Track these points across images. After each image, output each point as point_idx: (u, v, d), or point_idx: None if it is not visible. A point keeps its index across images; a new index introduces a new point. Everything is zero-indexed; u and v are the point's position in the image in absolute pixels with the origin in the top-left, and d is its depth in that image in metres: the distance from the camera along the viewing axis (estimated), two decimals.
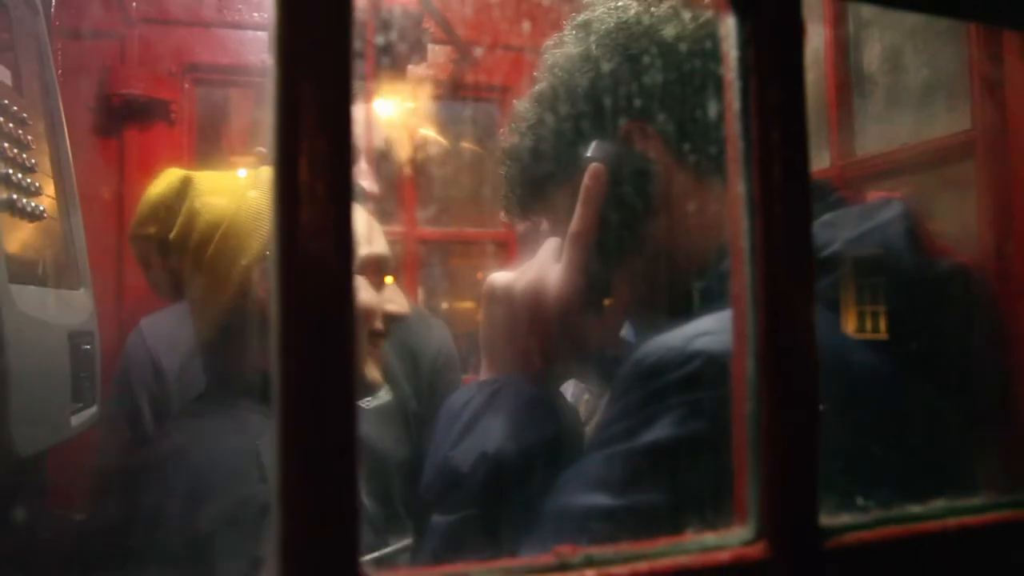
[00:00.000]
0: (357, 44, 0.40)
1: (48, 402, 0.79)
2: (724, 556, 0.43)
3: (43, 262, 0.85)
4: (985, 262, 0.92)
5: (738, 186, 0.46)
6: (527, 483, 0.68)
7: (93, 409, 0.93)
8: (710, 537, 0.44)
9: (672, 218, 0.67)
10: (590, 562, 0.41)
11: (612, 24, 0.70)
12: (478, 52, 1.78)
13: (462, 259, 2.09)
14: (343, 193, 0.37)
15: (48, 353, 0.79)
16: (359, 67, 0.40)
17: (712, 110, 0.61)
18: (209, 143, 1.75)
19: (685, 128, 0.65)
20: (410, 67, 1.79)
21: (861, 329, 0.67)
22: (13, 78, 0.87)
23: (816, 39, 1.13)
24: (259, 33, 1.69)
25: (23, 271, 0.77)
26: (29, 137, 0.85)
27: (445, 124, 1.84)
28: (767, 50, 0.45)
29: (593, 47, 0.70)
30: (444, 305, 2.05)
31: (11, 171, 0.77)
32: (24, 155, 0.82)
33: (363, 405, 1.37)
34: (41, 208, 0.84)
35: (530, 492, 0.69)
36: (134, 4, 1.59)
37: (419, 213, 1.85)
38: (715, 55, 0.60)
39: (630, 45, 0.69)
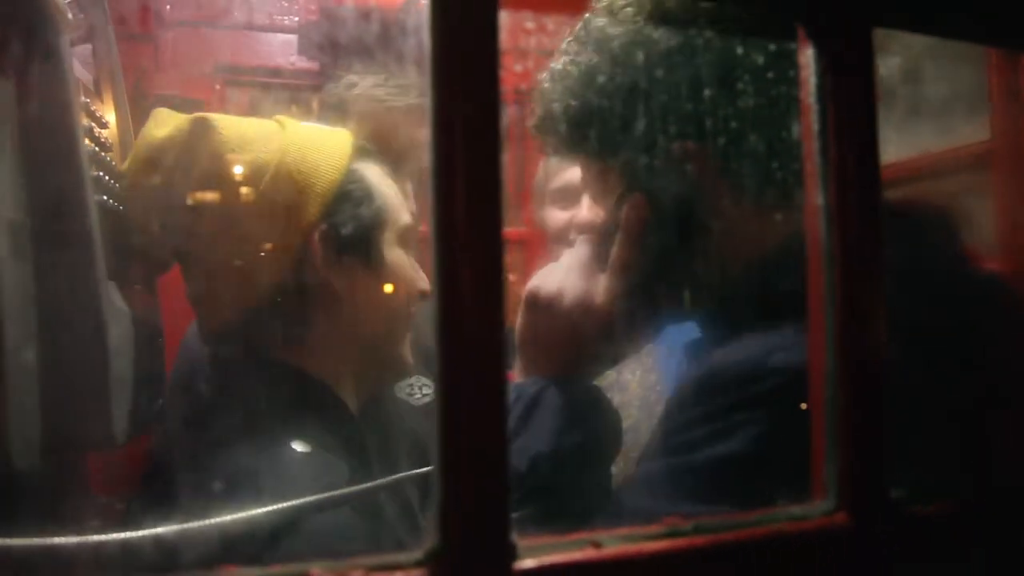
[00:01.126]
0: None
1: (134, 393, 0.84)
2: (810, 525, 0.49)
3: (123, 259, 0.89)
4: (1002, 268, 0.98)
5: (816, 199, 0.52)
6: (582, 478, 0.73)
7: (161, 401, 0.98)
8: (795, 508, 0.50)
9: (712, 237, 0.71)
10: (699, 530, 0.46)
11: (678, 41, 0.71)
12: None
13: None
14: (494, 201, 0.42)
15: (134, 346, 0.84)
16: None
17: (763, 134, 0.66)
18: None
19: (739, 151, 0.68)
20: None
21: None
22: (94, 81, 0.92)
23: None
24: (288, 36, 1.73)
25: (110, 268, 0.82)
26: (110, 141, 0.89)
27: None
28: (843, 78, 0.51)
29: (655, 49, 0.70)
30: None
31: (101, 173, 0.82)
32: (108, 156, 0.87)
33: (413, 402, 1.40)
34: (121, 207, 0.88)
35: (585, 487, 0.74)
36: (168, 7, 1.63)
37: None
38: (777, 82, 0.65)
39: (694, 62, 0.71)
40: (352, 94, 1.29)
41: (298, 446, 0.81)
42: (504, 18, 0.43)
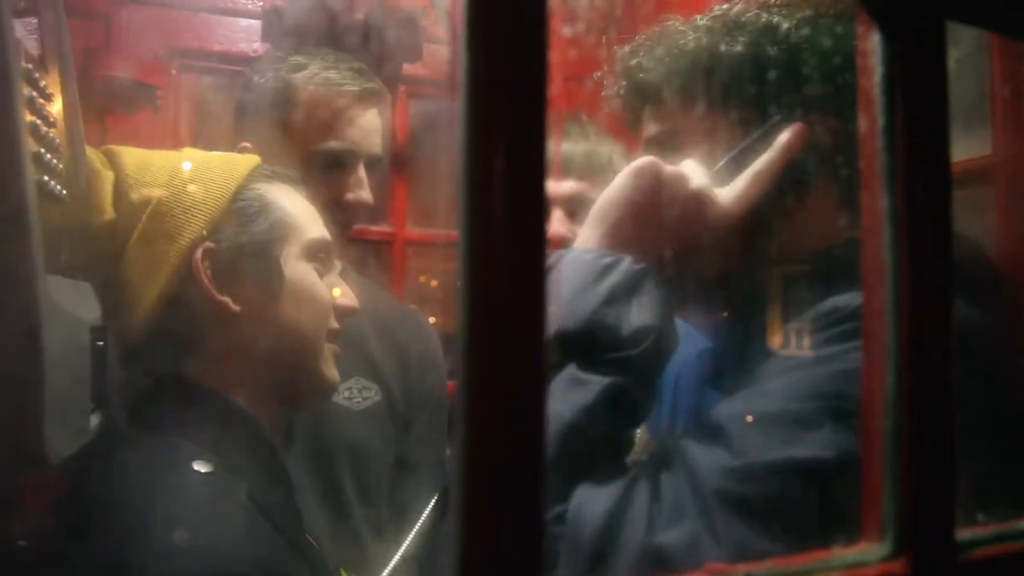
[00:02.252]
0: None
1: (74, 402, 0.74)
2: (870, 572, 0.43)
3: (65, 250, 0.79)
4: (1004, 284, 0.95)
5: (880, 200, 0.46)
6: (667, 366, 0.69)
7: (99, 414, 0.87)
8: (850, 553, 0.44)
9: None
10: None
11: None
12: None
13: (450, 263, 2.05)
14: (538, 193, 0.35)
15: (75, 351, 0.74)
16: None
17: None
18: (196, 132, 1.68)
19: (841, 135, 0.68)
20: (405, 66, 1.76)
21: (786, 345, 0.70)
22: (38, 52, 0.81)
23: None
24: (252, 21, 1.63)
25: (49, 259, 0.72)
26: (54, 116, 0.79)
27: (439, 123, 1.81)
28: (914, 67, 0.45)
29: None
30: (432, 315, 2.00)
31: (42, 150, 0.72)
32: (51, 132, 0.77)
33: (352, 406, 1.31)
34: (64, 191, 0.78)
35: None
36: None
37: (408, 214, 1.81)
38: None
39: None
40: (299, 76, 1.20)
41: (200, 466, 0.78)
42: None
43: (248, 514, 0.76)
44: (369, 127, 1.22)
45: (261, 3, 1.62)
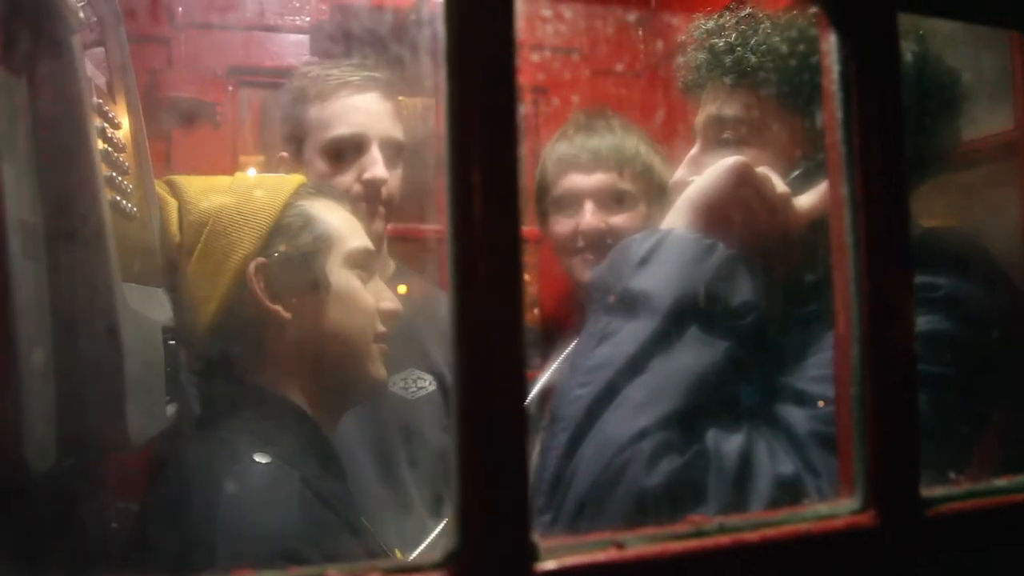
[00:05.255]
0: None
1: (150, 394, 0.83)
2: (838, 523, 0.48)
3: (137, 261, 0.89)
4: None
5: (840, 189, 0.50)
6: None
7: (174, 404, 0.98)
8: (823, 507, 0.49)
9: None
10: (724, 530, 0.45)
11: None
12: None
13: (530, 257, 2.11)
14: (512, 198, 0.41)
15: (149, 347, 0.84)
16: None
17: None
18: (253, 144, 1.79)
19: None
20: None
21: None
22: (107, 83, 0.91)
23: None
24: (300, 36, 1.73)
25: (124, 269, 0.81)
26: (123, 141, 0.89)
27: None
28: (867, 64, 0.49)
29: None
30: None
31: (113, 173, 0.82)
32: (120, 157, 0.86)
33: (408, 396, 1.40)
34: (134, 208, 0.88)
35: None
36: (180, 9, 1.63)
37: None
38: None
39: None
40: (309, 81, 1.32)
41: (260, 457, 0.87)
42: (520, 7, 0.42)
43: (302, 498, 0.85)
44: (373, 110, 1.31)
45: (308, 19, 1.72)
